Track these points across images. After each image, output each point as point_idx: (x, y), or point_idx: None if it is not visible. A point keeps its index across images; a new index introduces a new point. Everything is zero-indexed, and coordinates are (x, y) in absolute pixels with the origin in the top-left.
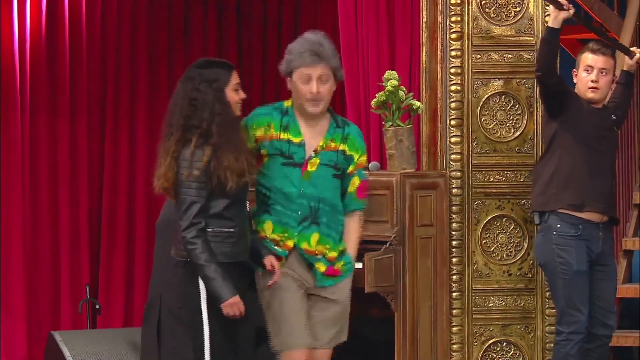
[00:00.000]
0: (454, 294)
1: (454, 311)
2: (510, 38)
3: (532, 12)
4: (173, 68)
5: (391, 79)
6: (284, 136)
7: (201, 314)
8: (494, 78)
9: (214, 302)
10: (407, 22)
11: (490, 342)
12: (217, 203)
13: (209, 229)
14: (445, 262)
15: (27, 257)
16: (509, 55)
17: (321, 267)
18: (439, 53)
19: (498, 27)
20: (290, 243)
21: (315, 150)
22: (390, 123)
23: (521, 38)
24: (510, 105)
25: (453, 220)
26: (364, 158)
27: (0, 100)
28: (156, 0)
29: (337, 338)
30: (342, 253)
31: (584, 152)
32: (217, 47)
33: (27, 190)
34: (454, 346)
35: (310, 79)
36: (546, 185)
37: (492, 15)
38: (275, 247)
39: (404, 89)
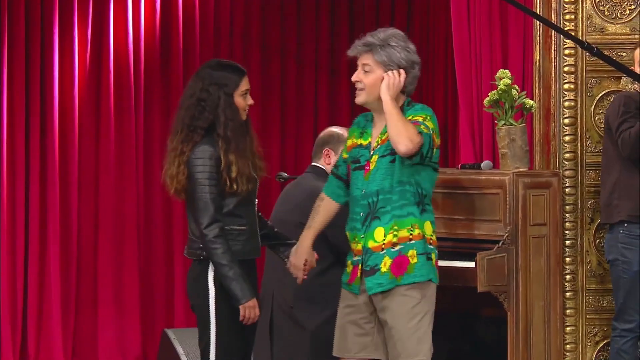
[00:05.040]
0: (568, 294)
1: (568, 311)
2: (625, 36)
3: None
4: (285, 70)
5: (504, 77)
6: (359, 141)
7: (209, 314)
8: (608, 77)
9: (223, 303)
10: (519, 20)
11: (604, 342)
12: (229, 201)
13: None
14: (558, 262)
15: (141, 256)
16: (624, 54)
17: (387, 263)
18: (552, 51)
19: (612, 25)
20: (359, 246)
21: (372, 149)
22: (503, 122)
23: (636, 36)
24: None
25: (566, 220)
26: (417, 118)
27: (115, 100)
28: (269, 1)
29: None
30: (415, 239)
31: None
32: (329, 50)
33: (141, 190)
34: (568, 346)
35: (357, 67)
36: (609, 196)
37: (606, 13)
38: (355, 258)
39: (517, 87)
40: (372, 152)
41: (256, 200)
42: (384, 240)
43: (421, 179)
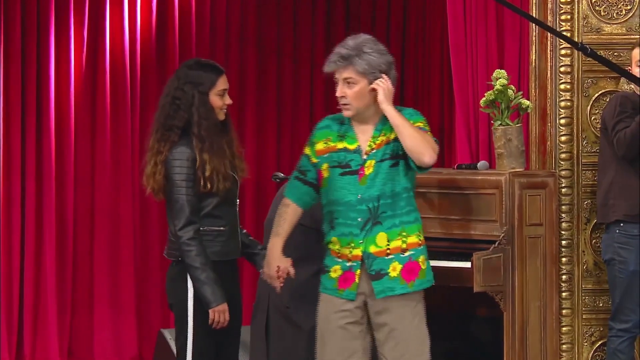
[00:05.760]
0: (564, 294)
1: (564, 311)
2: (621, 36)
3: None
4: (281, 67)
5: (500, 77)
6: (340, 146)
7: (187, 314)
8: (604, 77)
9: (201, 304)
10: (516, 20)
11: (600, 342)
12: (208, 202)
13: (200, 228)
14: (554, 262)
15: (137, 255)
16: (621, 54)
17: (396, 268)
18: (548, 52)
19: (608, 25)
20: (358, 252)
21: (366, 153)
22: (499, 122)
23: (632, 36)
24: None
25: (562, 220)
26: (419, 124)
27: (111, 100)
28: (265, 1)
29: None
30: (422, 244)
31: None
32: (325, 45)
33: (137, 189)
34: (564, 346)
35: (338, 82)
36: (605, 196)
37: (602, 13)
38: (348, 264)
39: (513, 87)
40: (365, 157)
41: (237, 201)
42: (389, 245)
43: (412, 182)
